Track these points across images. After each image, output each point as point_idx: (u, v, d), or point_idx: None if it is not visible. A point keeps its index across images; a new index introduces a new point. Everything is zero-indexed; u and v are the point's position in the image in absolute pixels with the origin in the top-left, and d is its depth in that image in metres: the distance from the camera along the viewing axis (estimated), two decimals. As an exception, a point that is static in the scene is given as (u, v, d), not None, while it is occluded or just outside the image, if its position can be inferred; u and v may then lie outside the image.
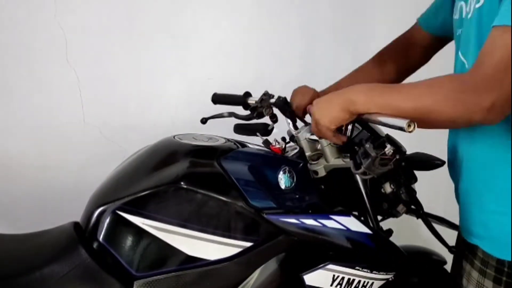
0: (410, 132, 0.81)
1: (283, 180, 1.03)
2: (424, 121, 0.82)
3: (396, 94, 0.86)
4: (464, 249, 0.99)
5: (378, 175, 0.94)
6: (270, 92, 1.18)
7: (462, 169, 0.97)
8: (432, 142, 1.10)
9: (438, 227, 1.14)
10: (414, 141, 1.04)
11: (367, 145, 0.90)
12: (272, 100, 1.16)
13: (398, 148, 0.90)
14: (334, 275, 1.02)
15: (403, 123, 0.81)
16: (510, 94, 0.76)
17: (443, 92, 0.80)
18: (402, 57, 1.21)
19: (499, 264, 0.90)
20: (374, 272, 1.07)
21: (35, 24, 1.59)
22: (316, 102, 0.95)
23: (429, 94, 0.81)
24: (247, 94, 1.24)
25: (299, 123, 1.14)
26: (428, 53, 1.19)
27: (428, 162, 1.03)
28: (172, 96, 1.80)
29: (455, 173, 1.02)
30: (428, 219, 1.10)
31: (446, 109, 0.80)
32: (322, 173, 1.05)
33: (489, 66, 0.76)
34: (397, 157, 0.89)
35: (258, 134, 1.14)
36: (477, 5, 0.86)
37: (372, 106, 0.87)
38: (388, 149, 0.89)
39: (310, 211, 1.03)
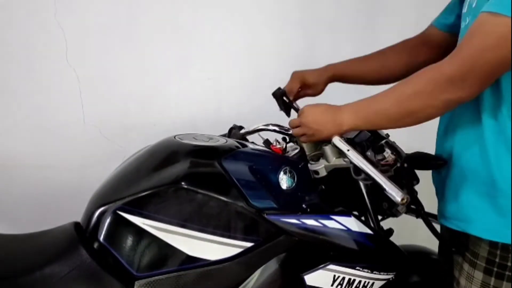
0: (402, 204, 0.88)
1: (283, 180, 1.03)
2: (411, 119, 0.91)
3: (383, 103, 0.92)
4: (454, 242, 1.02)
5: None
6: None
7: (452, 160, 1.00)
8: (433, 142, 1.10)
9: (438, 227, 1.14)
10: (415, 141, 1.04)
11: (368, 153, 0.91)
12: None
13: (398, 153, 0.91)
14: (334, 275, 1.02)
15: (398, 196, 0.87)
16: (482, 77, 0.83)
17: (426, 88, 0.86)
18: (413, 53, 1.20)
19: (489, 255, 0.92)
20: (374, 272, 1.07)
21: (35, 24, 1.59)
22: (306, 116, 1.02)
23: (415, 97, 0.88)
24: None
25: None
26: (441, 51, 1.17)
27: (430, 162, 1.03)
28: (172, 96, 1.80)
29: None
30: (429, 219, 1.10)
31: (432, 108, 0.88)
32: (322, 173, 1.05)
33: (467, 51, 0.82)
34: (398, 164, 0.90)
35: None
36: None
37: (361, 123, 0.96)
38: (388, 153, 0.90)
39: (310, 211, 1.03)
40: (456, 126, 1.00)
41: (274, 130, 1.22)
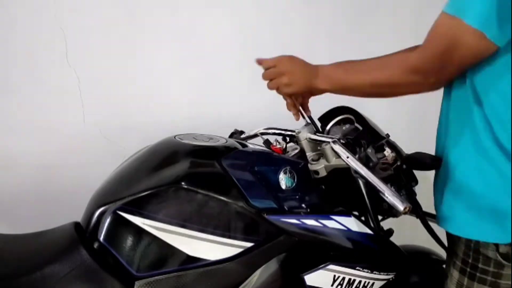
0: (404, 213, 0.91)
1: (284, 180, 1.03)
2: (377, 94, 1.01)
3: (355, 75, 1.00)
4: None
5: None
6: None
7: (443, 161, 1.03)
8: (433, 141, 1.10)
9: (437, 227, 1.14)
10: (415, 141, 1.04)
11: (369, 150, 0.92)
12: None
13: (397, 152, 0.91)
14: (334, 276, 1.02)
15: (400, 205, 0.89)
16: (449, 74, 0.91)
17: (394, 72, 0.94)
18: None
19: (464, 255, 0.96)
20: (374, 272, 1.07)
21: (35, 24, 1.59)
22: (283, 67, 1.07)
23: (383, 74, 0.96)
24: None
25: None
26: None
27: (428, 162, 1.03)
28: (172, 96, 1.80)
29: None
30: (426, 219, 1.10)
31: (398, 87, 0.95)
32: (323, 173, 1.05)
33: (434, 50, 0.88)
34: (398, 163, 0.91)
35: None
36: None
37: (335, 89, 1.04)
38: (388, 152, 0.90)
39: (310, 211, 1.03)
40: (448, 128, 1.01)
41: (274, 133, 1.22)
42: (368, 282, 1.07)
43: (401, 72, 0.93)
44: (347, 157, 0.97)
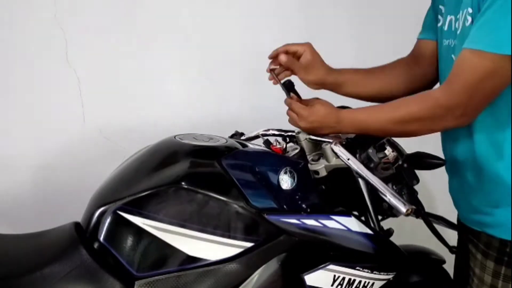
0: (406, 215, 0.91)
1: (284, 180, 1.03)
2: (403, 132, 1.00)
3: (378, 114, 1.01)
4: (468, 235, 1.09)
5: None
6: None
7: (461, 168, 1.05)
8: (433, 141, 1.10)
9: (438, 227, 1.14)
10: (415, 140, 1.04)
11: (370, 150, 0.92)
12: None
13: (399, 151, 0.91)
14: (334, 276, 1.02)
15: (402, 207, 0.90)
16: (477, 106, 0.93)
17: (420, 108, 0.96)
18: (411, 67, 1.22)
19: (501, 245, 1.00)
20: (374, 272, 1.07)
21: (35, 24, 1.59)
22: (310, 115, 1.05)
23: (407, 110, 0.97)
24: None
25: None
26: (435, 59, 1.17)
27: (429, 162, 1.03)
28: (172, 96, 1.80)
29: (453, 172, 1.11)
30: (429, 219, 1.10)
31: (423, 121, 0.96)
32: (323, 173, 1.05)
33: (458, 86, 0.91)
34: (399, 162, 0.91)
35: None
36: (467, 24, 0.95)
37: (360, 131, 1.04)
38: (389, 151, 0.90)
39: (311, 211, 1.03)
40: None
41: (274, 134, 1.22)
42: (368, 282, 1.07)
43: (426, 107, 0.95)
44: (348, 159, 0.97)
